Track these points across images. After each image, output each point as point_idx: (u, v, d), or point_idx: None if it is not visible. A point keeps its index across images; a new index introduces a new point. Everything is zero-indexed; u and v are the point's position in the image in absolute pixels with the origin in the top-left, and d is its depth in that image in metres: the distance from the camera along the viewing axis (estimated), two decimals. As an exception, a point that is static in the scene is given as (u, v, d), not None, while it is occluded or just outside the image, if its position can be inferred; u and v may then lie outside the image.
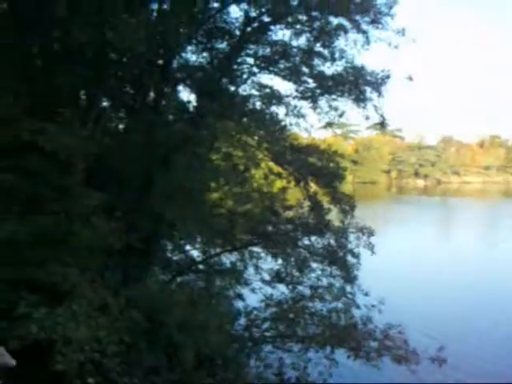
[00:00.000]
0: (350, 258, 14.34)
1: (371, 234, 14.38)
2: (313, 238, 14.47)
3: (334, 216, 14.45)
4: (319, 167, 13.58)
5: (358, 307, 13.98)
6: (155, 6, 14.31)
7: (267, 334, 14.34)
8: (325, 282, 14.49)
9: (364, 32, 14.02)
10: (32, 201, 11.20)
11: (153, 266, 14.08)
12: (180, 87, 14.29)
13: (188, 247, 15.03)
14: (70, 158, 11.05)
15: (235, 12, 14.58)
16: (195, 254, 15.20)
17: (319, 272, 14.58)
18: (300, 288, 14.70)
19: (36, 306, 10.26)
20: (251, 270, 15.11)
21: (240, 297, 15.03)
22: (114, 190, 12.11)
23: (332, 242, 14.31)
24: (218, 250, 14.97)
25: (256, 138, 13.54)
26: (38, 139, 10.83)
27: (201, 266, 15.37)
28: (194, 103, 13.71)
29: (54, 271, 10.48)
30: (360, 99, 13.94)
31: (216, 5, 14.14)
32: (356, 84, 13.62)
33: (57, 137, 10.65)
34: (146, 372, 11.41)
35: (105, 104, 14.14)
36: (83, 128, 11.50)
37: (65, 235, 10.76)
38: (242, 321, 14.59)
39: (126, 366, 10.81)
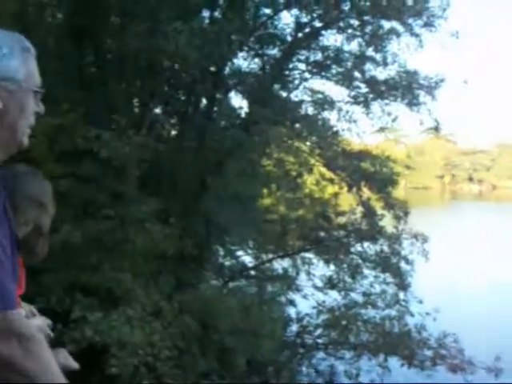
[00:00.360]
0: (403, 264, 14.11)
1: (425, 240, 14.13)
2: (365, 245, 14.31)
3: (387, 222, 14.27)
4: (372, 172, 13.43)
5: (411, 315, 13.74)
6: (207, 14, 14.50)
7: (319, 340, 14.25)
8: (378, 288, 14.29)
9: (417, 35, 13.86)
10: (87, 206, 11.44)
11: (205, 271, 14.17)
12: (232, 93, 14.40)
13: (240, 253, 15.07)
14: (124, 165, 11.26)
15: (286, 18, 14.65)
16: (247, 259, 15.22)
17: (372, 279, 14.39)
18: (352, 295, 14.54)
19: (91, 309, 10.47)
20: (303, 276, 15.03)
21: (292, 303, 14.96)
22: (168, 196, 12.26)
23: (385, 248, 14.12)
24: (270, 255, 14.97)
25: (308, 143, 13.49)
26: (93, 146, 11.06)
27: (252, 272, 15.39)
28: (246, 109, 13.78)
29: (109, 276, 10.67)
30: (413, 103, 13.77)
31: (267, 11, 14.19)
32: (409, 88, 13.45)
33: (111, 143, 10.85)
34: (198, 376, 11.50)
35: (158, 111, 14.36)
36: (137, 135, 11.68)
37: (119, 240, 10.94)
38: (294, 327, 14.54)
39: (179, 370, 10.92)
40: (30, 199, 2.36)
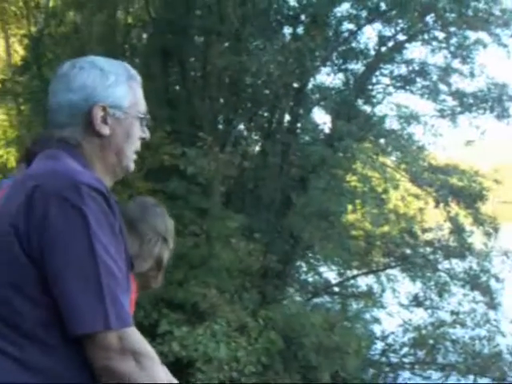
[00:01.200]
0: (493, 282, 13.62)
1: (517, 257, 13.61)
2: (453, 262, 13.91)
3: (476, 238, 13.82)
4: (460, 187, 13.06)
5: (503, 335, 13.22)
6: (289, 30, 14.59)
7: (405, 359, 13.92)
8: (466, 307, 13.84)
9: (505, 46, 13.47)
10: (174, 222, 11.64)
11: (288, 287, 14.15)
12: (315, 109, 14.38)
13: (324, 269, 14.96)
14: (209, 181, 11.42)
15: (369, 31, 14.58)
16: (331, 276, 15.09)
17: (460, 297, 13.95)
18: (440, 313, 14.14)
19: (177, 324, 10.63)
20: (388, 293, 14.74)
21: (377, 320, 14.69)
22: (252, 212, 12.34)
23: (474, 265, 13.68)
24: (355, 272, 14.78)
25: (393, 158, 13.29)
26: (180, 163, 11.29)
27: (336, 289, 15.23)
28: (330, 125, 13.72)
29: (195, 291, 10.82)
30: (503, 116, 13.39)
31: (350, 26, 14.13)
32: (499, 100, 13.07)
33: (197, 160, 11.04)
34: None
35: (241, 127, 14.51)
36: (222, 151, 11.83)
37: (205, 256, 11.09)
38: (379, 345, 14.27)
39: (263, 386, 10.92)
40: (156, 232, 2.44)
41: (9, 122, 24.59)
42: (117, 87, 1.74)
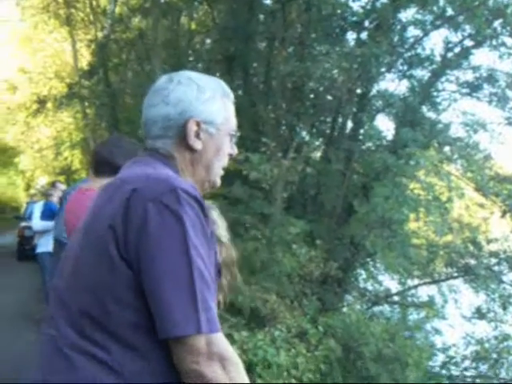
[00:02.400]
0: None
1: None
2: (519, 274, 13.55)
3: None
4: (528, 197, 12.71)
5: None
6: (353, 36, 14.51)
7: (467, 373, 13.59)
8: (532, 322, 13.45)
9: None
10: (236, 227, 11.71)
11: (348, 295, 14.03)
12: (379, 116, 14.23)
13: (384, 277, 14.76)
14: (272, 187, 11.44)
15: (435, 37, 14.34)
16: (392, 284, 14.87)
17: (526, 311, 13.57)
18: (504, 326, 13.76)
19: (237, 328, 10.66)
20: (450, 304, 14.43)
21: (437, 332, 14.40)
22: (313, 218, 12.29)
23: (540, 279, 13.30)
24: (416, 281, 14.54)
25: (458, 166, 13.03)
26: (243, 168, 11.34)
27: (396, 298, 15.00)
28: (394, 132, 13.56)
29: (255, 296, 10.83)
30: None
31: (415, 32, 13.94)
32: None
33: (260, 166, 11.07)
34: (339, 402, 11.34)
35: (304, 133, 14.49)
36: (285, 157, 11.84)
37: (266, 261, 11.10)
38: (440, 357, 13.98)
39: (321, 394, 10.83)
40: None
41: (75, 124, 25.32)
42: (212, 103, 1.78)
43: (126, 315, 1.53)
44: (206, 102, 1.77)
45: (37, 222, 9.83)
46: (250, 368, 10.36)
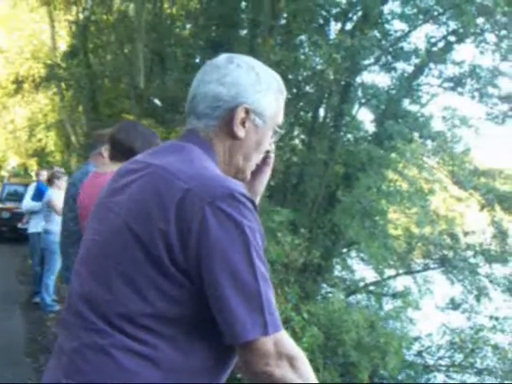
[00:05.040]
0: (535, 290, 13.52)
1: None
2: (494, 266, 13.81)
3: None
4: (507, 193, 12.97)
5: (542, 342, 13.11)
6: (337, 26, 14.57)
7: (441, 362, 13.87)
8: (505, 313, 13.74)
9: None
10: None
11: (327, 283, 14.18)
12: (362, 108, 14.35)
13: (363, 267, 14.95)
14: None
15: (419, 31, 14.47)
16: (370, 274, 15.07)
17: (500, 302, 13.86)
18: (478, 317, 14.05)
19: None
20: (426, 294, 14.68)
21: (412, 321, 14.64)
22: (297, 207, 12.38)
23: (516, 271, 13.59)
24: (393, 272, 14.76)
25: (439, 160, 13.24)
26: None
27: (373, 287, 15.22)
28: (377, 124, 13.69)
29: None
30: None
31: (401, 26, 14.09)
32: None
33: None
34: (319, 389, 11.48)
35: (287, 122, 14.53)
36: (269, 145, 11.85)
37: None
38: (415, 346, 14.22)
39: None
40: None
41: (51, 106, 24.99)
42: (266, 95, 1.74)
43: (170, 309, 1.51)
44: (261, 92, 1.73)
45: (26, 203, 9.97)
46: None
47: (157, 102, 15.45)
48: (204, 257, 1.47)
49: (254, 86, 1.73)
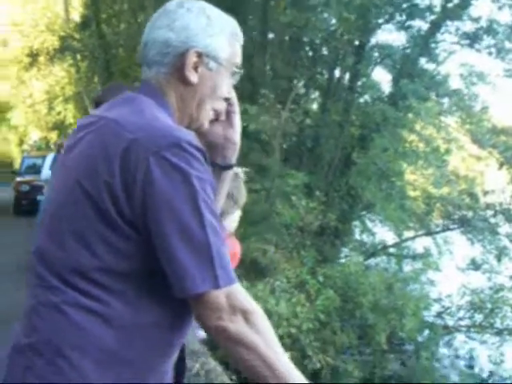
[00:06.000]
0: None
1: None
2: (515, 226, 13.67)
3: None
4: (525, 150, 12.73)
5: None
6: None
7: (461, 322, 13.83)
8: (526, 272, 13.63)
9: None
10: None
11: (346, 246, 14.15)
12: (377, 68, 14.11)
13: (382, 229, 14.85)
14: (270, 138, 11.40)
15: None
16: (389, 236, 14.98)
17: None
18: (498, 277, 13.94)
19: (238, 279, 10.76)
20: (446, 255, 14.58)
21: (432, 283, 14.57)
22: (312, 170, 12.30)
23: (537, 230, 13.42)
24: (413, 233, 14.65)
25: (457, 119, 13.00)
26: (242, 120, 11.26)
27: (393, 249, 15.15)
28: (389, 83, 13.49)
29: (254, 247, 10.90)
30: None
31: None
32: None
33: (259, 117, 11.00)
34: (337, 350, 11.53)
35: (301, 85, 14.38)
36: (283, 109, 11.76)
37: (265, 213, 11.13)
38: (435, 307, 14.19)
39: (320, 343, 11.00)
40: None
41: (68, 78, 25.02)
42: (218, 38, 1.67)
43: (118, 262, 1.48)
44: (213, 36, 1.66)
45: (45, 172, 10.37)
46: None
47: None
48: (150, 207, 1.43)
49: (206, 29, 1.66)
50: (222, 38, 1.67)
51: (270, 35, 14.20)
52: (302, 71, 13.75)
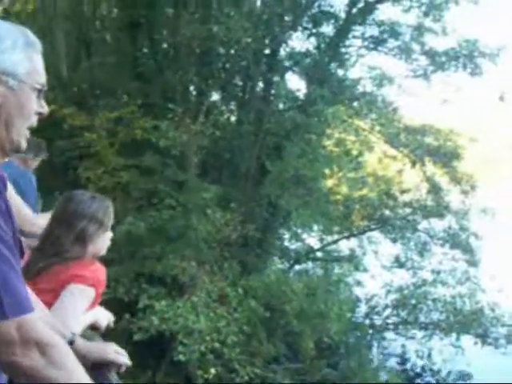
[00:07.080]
0: (472, 240, 13.68)
1: (495, 214, 13.65)
2: (432, 221, 13.95)
3: (454, 197, 13.83)
4: (436, 147, 13.02)
5: (483, 292, 13.30)
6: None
7: (389, 320, 14.01)
8: (447, 266, 13.92)
9: (475, 2, 13.36)
10: (150, 197, 11.55)
11: (270, 255, 14.13)
12: (288, 75, 14.21)
13: (305, 235, 14.92)
14: (183, 153, 11.30)
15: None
16: (312, 241, 15.06)
17: (441, 256, 14.03)
18: (421, 273, 14.21)
19: (157, 298, 10.59)
20: (370, 255, 14.77)
21: (359, 283, 14.73)
22: (228, 182, 12.24)
23: (453, 224, 13.73)
24: (336, 236, 14.78)
25: (368, 121, 13.20)
26: (152, 136, 11.15)
27: (318, 254, 15.23)
28: (304, 90, 13.58)
29: (173, 264, 10.76)
30: (476, 73, 13.32)
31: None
32: (471, 57, 12.98)
33: (169, 133, 10.89)
34: (266, 361, 11.48)
35: (215, 98, 14.34)
36: (194, 123, 11.68)
37: (182, 228, 11.01)
38: (363, 308, 14.34)
39: (246, 355, 10.93)
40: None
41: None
42: (12, 53, 1.54)
43: None
44: (6, 51, 1.54)
45: None
46: (172, 337, 10.35)
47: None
48: None
49: None
50: (17, 52, 1.55)
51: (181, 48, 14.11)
52: (214, 83, 13.71)
